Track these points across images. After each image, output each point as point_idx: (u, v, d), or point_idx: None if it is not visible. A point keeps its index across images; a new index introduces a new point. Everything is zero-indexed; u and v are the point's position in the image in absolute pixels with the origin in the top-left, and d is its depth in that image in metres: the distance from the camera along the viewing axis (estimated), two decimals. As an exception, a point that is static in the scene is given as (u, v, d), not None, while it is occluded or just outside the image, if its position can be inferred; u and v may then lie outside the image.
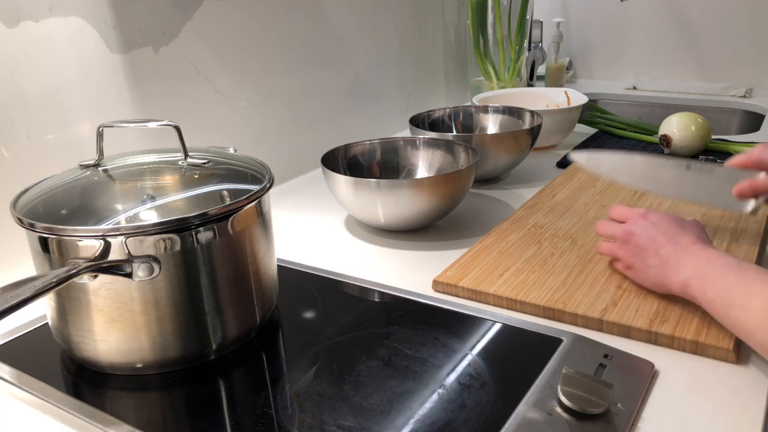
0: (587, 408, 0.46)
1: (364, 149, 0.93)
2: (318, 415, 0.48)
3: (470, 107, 1.13)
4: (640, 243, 0.63)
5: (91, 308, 0.52)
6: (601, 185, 0.93)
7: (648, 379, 0.51)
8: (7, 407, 0.53)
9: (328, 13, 1.12)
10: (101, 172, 0.60)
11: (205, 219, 0.52)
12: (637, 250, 0.63)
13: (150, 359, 0.54)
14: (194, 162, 0.60)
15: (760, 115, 1.45)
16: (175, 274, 0.52)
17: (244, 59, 0.96)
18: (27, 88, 0.70)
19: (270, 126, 1.03)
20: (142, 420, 0.49)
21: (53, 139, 0.73)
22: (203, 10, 0.88)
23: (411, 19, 1.38)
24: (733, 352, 0.53)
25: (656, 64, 1.70)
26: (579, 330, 0.59)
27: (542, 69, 1.70)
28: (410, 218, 0.79)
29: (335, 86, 1.17)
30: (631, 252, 0.64)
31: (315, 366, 0.54)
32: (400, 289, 0.67)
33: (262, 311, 0.60)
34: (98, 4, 0.76)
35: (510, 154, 0.96)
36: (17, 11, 0.68)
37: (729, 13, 1.56)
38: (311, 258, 0.78)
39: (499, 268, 0.69)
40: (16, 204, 0.54)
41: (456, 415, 0.47)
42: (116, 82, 0.79)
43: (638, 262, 0.62)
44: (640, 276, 0.62)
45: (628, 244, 0.64)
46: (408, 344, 0.57)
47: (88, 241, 0.50)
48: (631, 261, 0.63)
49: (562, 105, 1.24)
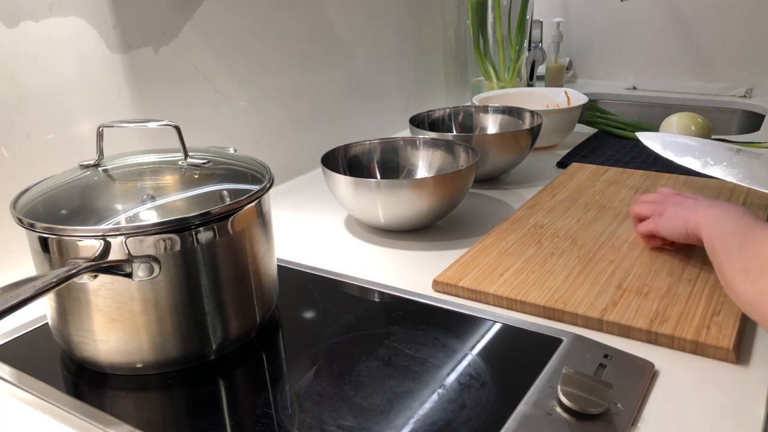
0: (587, 408, 0.46)
1: (364, 149, 0.93)
2: (318, 415, 0.48)
3: (470, 107, 1.13)
4: (684, 196, 0.69)
5: (91, 308, 0.52)
6: (601, 185, 0.93)
7: (648, 379, 0.51)
8: (7, 407, 0.53)
9: (328, 14, 1.12)
10: (101, 172, 0.60)
11: (205, 219, 0.52)
12: (680, 199, 0.69)
13: (150, 359, 0.54)
14: (194, 162, 0.60)
15: (760, 115, 1.45)
16: (175, 274, 0.52)
17: (244, 59, 0.96)
18: (27, 88, 0.70)
19: (270, 126, 1.03)
20: (142, 420, 0.49)
21: (53, 139, 0.73)
22: (203, 10, 0.88)
23: (411, 19, 1.38)
24: (733, 352, 0.53)
25: (656, 64, 1.70)
26: (579, 330, 0.59)
27: (542, 69, 1.70)
28: (410, 218, 0.79)
29: (335, 86, 1.17)
30: (672, 201, 0.69)
31: (315, 366, 0.54)
32: (400, 289, 0.67)
33: (262, 311, 0.60)
34: (98, 4, 0.76)
35: (510, 154, 0.96)
36: (17, 11, 0.68)
37: (729, 13, 1.56)
38: (311, 258, 0.78)
39: (499, 268, 0.69)
40: (16, 204, 0.54)
41: (456, 415, 0.47)
42: (116, 82, 0.79)
43: (674, 208, 0.67)
44: (670, 218, 0.66)
45: (672, 197, 0.70)
46: (408, 344, 0.57)
47: (88, 241, 0.50)
48: (667, 208, 0.68)
49: (562, 105, 1.24)
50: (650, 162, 1.06)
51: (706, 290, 0.62)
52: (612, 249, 0.72)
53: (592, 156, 1.11)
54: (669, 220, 0.67)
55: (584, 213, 0.84)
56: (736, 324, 0.56)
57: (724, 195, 0.86)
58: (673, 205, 0.68)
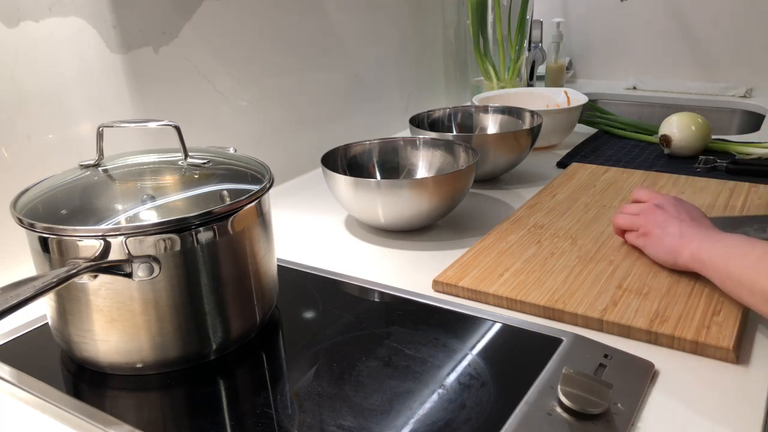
0: (587, 408, 0.46)
1: (364, 149, 0.93)
2: (318, 415, 0.48)
3: (470, 107, 1.13)
4: (666, 213, 0.67)
5: (91, 308, 0.52)
6: (601, 185, 0.93)
7: (648, 379, 0.51)
8: (7, 407, 0.53)
9: (328, 13, 1.12)
10: (101, 172, 0.60)
11: (205, 219, 0.52)
12: (662, 218, 0.66)
13: (150, 359, 0.54)
14: (194, 162, 0.60)
15: (760, 115, 1.45)
16: (175, 274, 0.52)
17: (244, 59, 0.96)
18: (27, 88, 0.70)
19: (270, 126, 1.03)
20: (142, 420, 0.49)
21: (53, 139, 0.73)
22: (203, 10, 0.88)
23: (411, 19, 1.38)
24: (733, 352, 0.53)
25: (656, 64, 1.70)
26: (579, 330, 0.59)
27: (542, 69, 1.70)
28: (410, 218, 0.79)
29: (335, 86, 1.17)
30: (654, 220, 0.67)
31: (315, 366, 0.54)
32: (400, 289, 0.67)
33: (262, 311, 0.60)
34: (98, 4, 0.76)
35: (510, 154, 0.96)
36: (17, 11, 0.68)
37: (729, 13, 1.56)
38: (311, 258, 0.78)
39: (499, 268, 0.69)
40: (16, 204, 0.54)
41: (456, 415, 0.47)
42: (116, 82, 0.79)
43: (658, 230, 0.66)
44: (655, 243, 0.65)
45: (653, 214, 0.68)
46: (408, 344, 0.57)
47: (88, 241, 0.50)
48: (651, 228, 0.67)
49: (562, 105, 1.24)
50: (650, 162, 1.06)
51: (706, 290, 0.62)
52: (612, 249, 0.72)
53: (592, 156, 1.11)
54: (654, 245, 0.66)
55: (584, 213, 0.84)
56: (736, 324, 0.56)
57: (724, 195, 0.86)
58: (655, 226, 0.66)
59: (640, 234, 0.68)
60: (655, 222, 0.67)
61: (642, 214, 0.69)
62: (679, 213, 0.66)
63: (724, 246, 0.58)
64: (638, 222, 0.69)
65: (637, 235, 0.69)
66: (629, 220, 0.71)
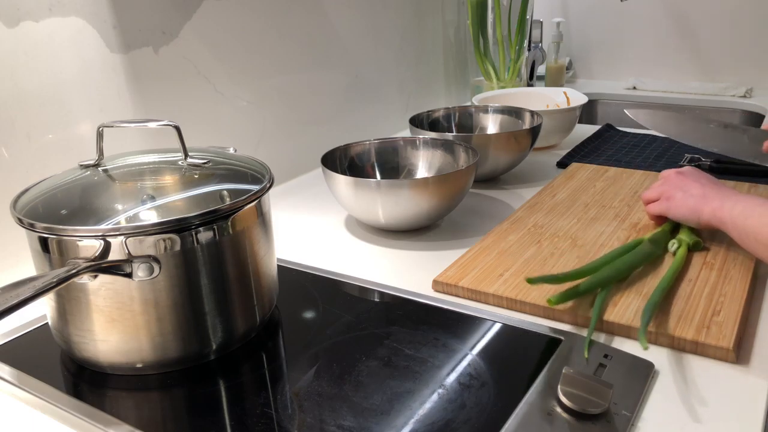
0: (587, 408, 0.46)
1: (364, 149, 0.93)
2: (318, 415, 0.48)
3: (470, 107, 1.13)
4: (688, 177, 0.72)
5: (91, 308, 0.52)
6: (601, 185, 0.93)
7: (648, 379, 0.51)
8: (7, 407, 0.53)
9: (328, 13, 1.12)
10: (101, 172, 0.60)
11: (205, 219, 0.52)
12: (685, 182, 0.72)
13: (150, 359, 0.54)
14: (194, 162, 0.60)
15: (760, 115, 1.45)
16: (175, 274, 0.52)
17: (244, 59, 0.96)
18: (27, 88, 0.70)
19: (270, 126, 1.03)
20: (142, 420, 0.49)
21: (53, 139, 0.73)
22: (203, 9, 0.88)
23: (411, 19, 1.38)
24: (733, 352, 0.53)
25: (656, 64, 1.70)
26: (579, 330, 0.59)
27: (542, 69, 1.70)
28: (410, 218, 0.79)
29: (335, 86, 1.17)
30: (676, 185, 0.73)
31: (315, 366, 0.54)
32: (400, 289, 0.67)
33: (262, 311, 0.60)
34: (98, 4, 0.76)
35: (510, 154, 0.96)
36: (17, 11, 0.68)
37: (729, 13, 1.56)
38: (311, 258, 0.78)
39: (499, 268, 0.69)
40: (16, 204, 0.54)
41: (456, 415, 0.47)
42: (116, 82, 0.79)
43: (680, 193, 0.71)
44: (679, 203, 0.71)
45: (676, 179, 0.73)
46: (408, 344, 0.57)
47: (88, 241, 0.50)
48: (674, 192, 0.72)
49: (562, 105, 1.24)
50: (650, 162, 1.06)
51: (706, 290, 0.62)
52: (612, 249, 0.72)
53: (592, 156, 1.11)
54: (677, 206, 0.71)
55: (584, 213, 0.84)
56: (736, 324, 0.56)
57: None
58: (678, 189, 0.72)
59: (664, 199, 0.73)
60: (677, 186, 0.72)
61: (665, 181, 0.75)
62: (699, 177, 0.72)
63: (743, 206, 0.62)
64: (663, 189, 0.75)
65: (661, 201, 0.74)
66: (655, 190, 0.76)
